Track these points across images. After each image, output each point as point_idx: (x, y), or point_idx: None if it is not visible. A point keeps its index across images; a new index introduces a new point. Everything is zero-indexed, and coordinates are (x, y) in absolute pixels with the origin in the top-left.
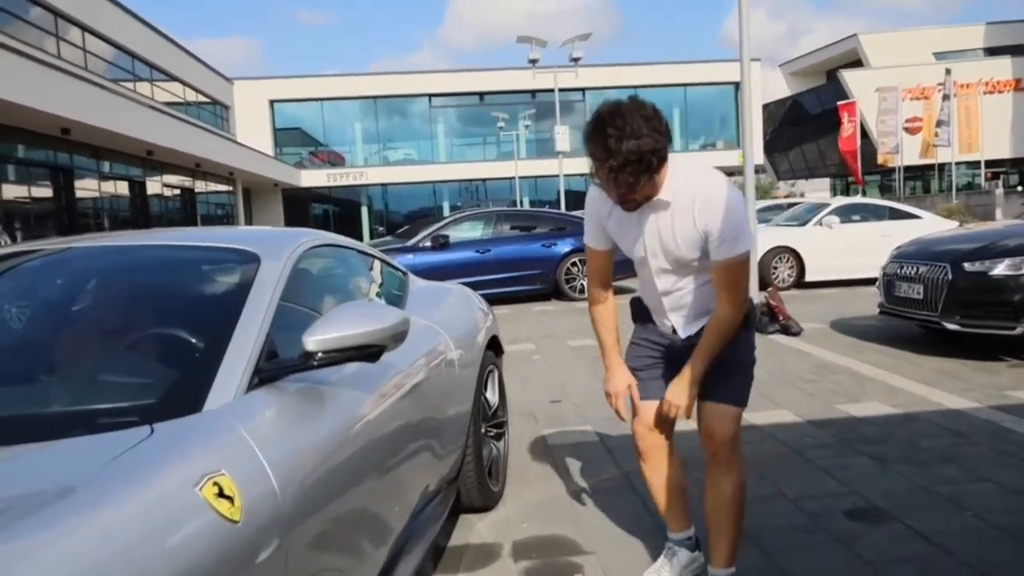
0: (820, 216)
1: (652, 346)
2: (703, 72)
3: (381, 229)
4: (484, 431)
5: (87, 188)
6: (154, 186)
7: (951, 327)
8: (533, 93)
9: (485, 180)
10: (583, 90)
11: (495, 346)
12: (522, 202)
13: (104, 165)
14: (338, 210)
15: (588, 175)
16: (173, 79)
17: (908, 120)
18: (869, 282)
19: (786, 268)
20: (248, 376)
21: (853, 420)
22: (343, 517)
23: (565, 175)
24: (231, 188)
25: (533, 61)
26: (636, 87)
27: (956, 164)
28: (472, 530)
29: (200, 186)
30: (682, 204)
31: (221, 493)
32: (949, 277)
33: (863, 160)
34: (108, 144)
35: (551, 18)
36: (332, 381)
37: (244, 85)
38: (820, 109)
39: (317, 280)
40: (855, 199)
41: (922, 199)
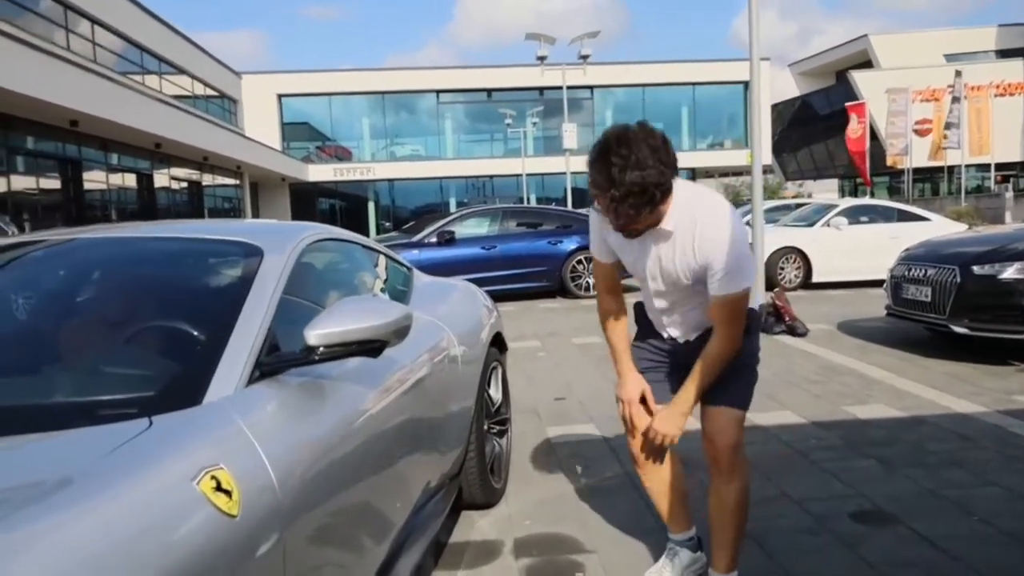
0: (828, 217)
1: (655, 349)
2: (712, 71)
3: (388, 224)
4: (487, 428)
5: (95, 180)
6: (162, 179)
7: (959, 330)
8: (541, 90)
9: (492, 177)
10: (591, 88)
11: (499, 343)
12: (529, 199)
13: (112, 157)
14: (345, 205)
15: (590, 200)
16: (182, 72)
17: (918, 122)
18: (876, 284)
19: (793, 269)
20: (249, 369)
21: (859, 422)
22: (343, 512)
23: (572, 172)
24: (238, 182)
25: (541, 58)
26: (644, 85)
27: (966, 167)
28: (474, 527)
29: (208, 179)
30: (684, 236)
31: (219, 487)
32: (958, 280)
33: (872, 161)
34: (116, 136)
35: (559, 16)
36: (334, 376)
37: (252, 79)
38: (829, 110)
39: (320, 274)
40: (863, 200)
41: (931, 201)
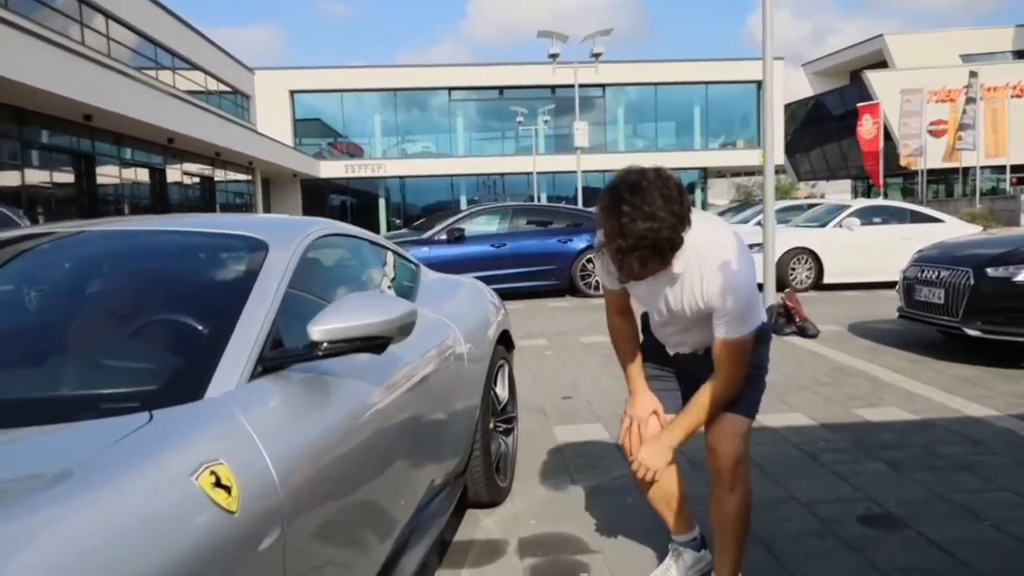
0: (840, 218)
1: (659, 358)
2: (725, 70)
3: (398, 221)
4: (493, 426)
5: (108, 174)
6: (174, 174)
7: (972, 333)
8: (553, 88)
9: (503, 175)
10: (603, 86)
11: (506, 341)
12: (540, 197)
13: (125, 152)
14: (356, 201)
15: (594, 247)
16: (195, 68)
17: (932, 123)
18: (889, 285)
19: (804, 269)
20: (252, 364)
21: (869, 425)
22: (346, 510)
23: (583, 171)
24: (250, 177)
25: (554, 56)
26: (657, 84)
27: (981, 168)
28: (478, 525)
29: (220, 175)
30: (691, 278)
31: (218, 483)
32: (971, 282)
33: (885, 162)
34: (129, 131)
35: (572, 14)
36: (337, 372)
37: (265, 75)
38: (843, 110)
39: (326, 270)
40: (876, 201)
41: (945, 203)
